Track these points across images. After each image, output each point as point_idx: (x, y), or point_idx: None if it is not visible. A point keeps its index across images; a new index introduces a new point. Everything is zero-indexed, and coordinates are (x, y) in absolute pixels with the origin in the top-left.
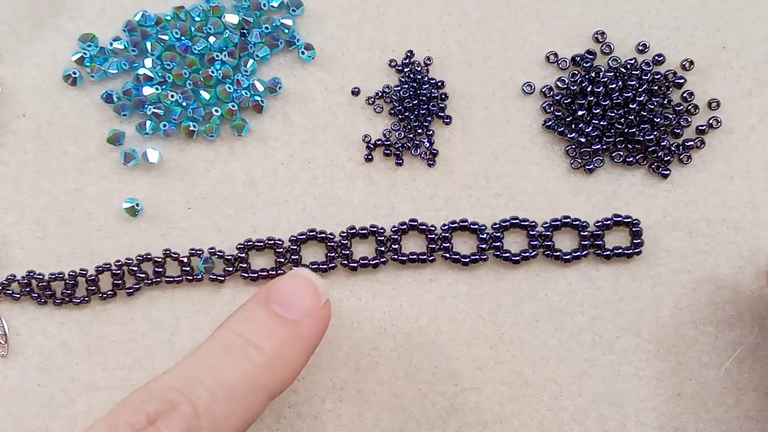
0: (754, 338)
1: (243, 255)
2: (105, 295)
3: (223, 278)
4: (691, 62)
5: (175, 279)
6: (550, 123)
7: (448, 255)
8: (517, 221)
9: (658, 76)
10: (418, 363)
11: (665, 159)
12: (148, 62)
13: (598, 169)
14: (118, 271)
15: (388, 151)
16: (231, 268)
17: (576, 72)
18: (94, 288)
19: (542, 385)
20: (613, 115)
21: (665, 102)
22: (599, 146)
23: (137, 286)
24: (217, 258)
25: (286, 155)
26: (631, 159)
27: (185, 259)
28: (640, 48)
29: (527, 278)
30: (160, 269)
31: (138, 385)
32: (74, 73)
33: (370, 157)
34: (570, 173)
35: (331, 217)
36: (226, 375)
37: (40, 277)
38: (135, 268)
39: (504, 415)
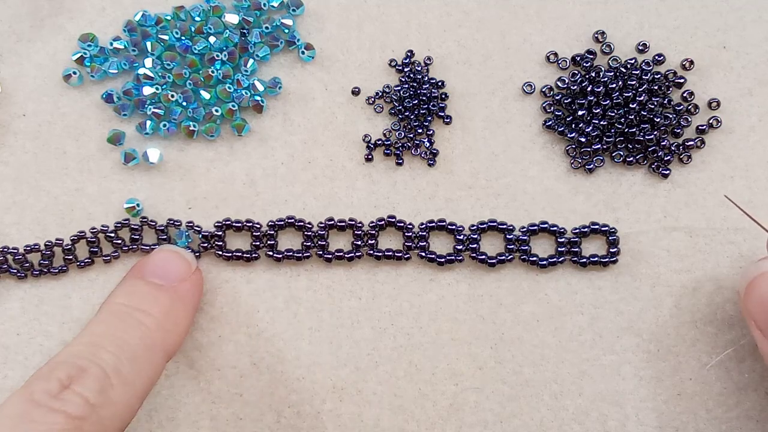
0: (749, 339)
1: (219, 233)
2: (83, 263)
3: (198, 254)
4: (691, 62)
5: (152, 247)
6: (550, 123)
7: (424, 254)
8: (494, 224)
9: (658, 75)
10: (418, 363)
11: (665, 159)
12: (148, 62)
13: (598, 169)
14: (94, 239)
15: (388, 151)
16: (206, 245)
17: (576, 72)
18: (71, 257)
19: (542, 384)
20: (613, 114)
21: (665, 102)
22: (599, 146)
23: (115, 253)
24: (194, 233)
25: (286, 155)
26: (631, 159)
27: (162, 228)
28: (640, 48)
29: (527, 278)
30: (137, 237)
31: None
32: (74, 73)
33: (370, 156)
34: (570, 173)
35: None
36: (124, 339)
37: (15, 251)
38: (112, 235)
39: (504, 414)
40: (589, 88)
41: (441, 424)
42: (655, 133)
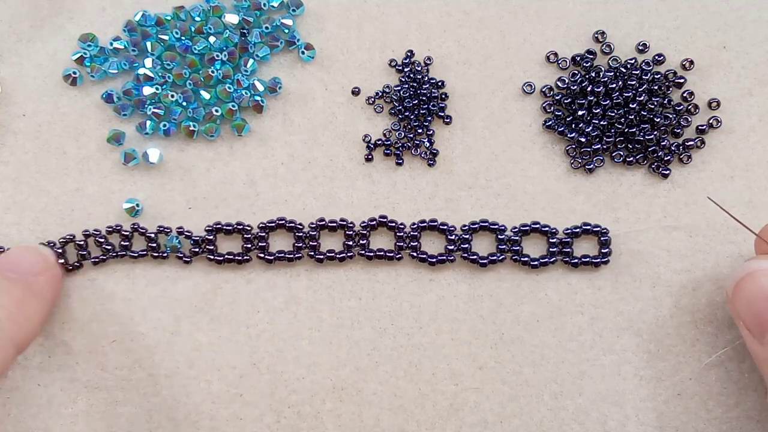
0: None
1: (210, 237)
2: (71, 267)
3: (189, 259)
4: (691, 62)
5: (140, 253)
6: (550, 123)
7: (415, 254)
8: (486, 224)
9: (658, 75)
10: (418, 363)
11: (665, 159)
12: (148, 62)
13: (598, 169)
14: (82, 242)
15: (388, 151)
16: (198, 250)
17: (576, 72)
18: (62, 261)
19: (542, 384)
20: (613, 115)
21: (665, 102)
22: (599, 146)
23: (103, 257)
24: (185, 239)
25: (286, 155)
26: (631, 159)
27: (152, 235)
28: (640, 48)
29: (527, 278)
30: (127, 243)
31: (138, 385)
32: (74, 73)
33: (370, 157)
34: (570, 173)
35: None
36: None
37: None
38: (101, 240)
39: (504, 414)
40: (589, 88)
41: (441, 424)
42: (655, 133)
